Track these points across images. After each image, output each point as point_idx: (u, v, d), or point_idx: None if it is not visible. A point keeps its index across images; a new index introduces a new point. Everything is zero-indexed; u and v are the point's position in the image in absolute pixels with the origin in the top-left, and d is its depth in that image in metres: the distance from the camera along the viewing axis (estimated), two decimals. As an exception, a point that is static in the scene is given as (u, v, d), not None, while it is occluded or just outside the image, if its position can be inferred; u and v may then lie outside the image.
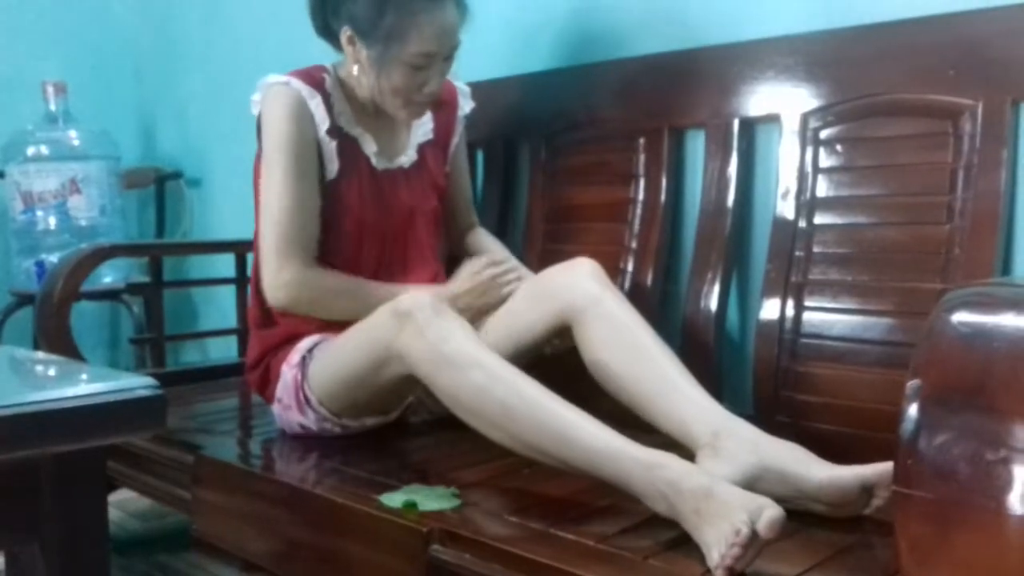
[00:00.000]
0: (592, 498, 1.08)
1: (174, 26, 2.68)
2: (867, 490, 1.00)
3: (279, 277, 1.37)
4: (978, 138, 1.18)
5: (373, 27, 1.34)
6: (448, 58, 1.39)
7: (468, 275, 1.42)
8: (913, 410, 0.66)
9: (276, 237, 1.37)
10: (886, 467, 0.96)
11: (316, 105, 1.40)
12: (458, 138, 1.58)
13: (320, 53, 1.45)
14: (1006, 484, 0.61)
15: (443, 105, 1.53)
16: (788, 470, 1.03)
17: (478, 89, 1.62)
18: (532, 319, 1.34)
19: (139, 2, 2.80)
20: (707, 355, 1.39)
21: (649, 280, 1.48)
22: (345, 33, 1.38)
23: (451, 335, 1.16)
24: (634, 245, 1.50)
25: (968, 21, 1.20)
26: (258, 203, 1.43)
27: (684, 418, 1.13)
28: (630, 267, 1.50)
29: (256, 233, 1.44)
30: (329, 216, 1.42)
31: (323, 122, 1.40)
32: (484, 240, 1.61)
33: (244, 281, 1.97)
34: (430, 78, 1.38)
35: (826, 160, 1.32)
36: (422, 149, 1.52)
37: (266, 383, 1.45)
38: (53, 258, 2.28)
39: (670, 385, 1.17)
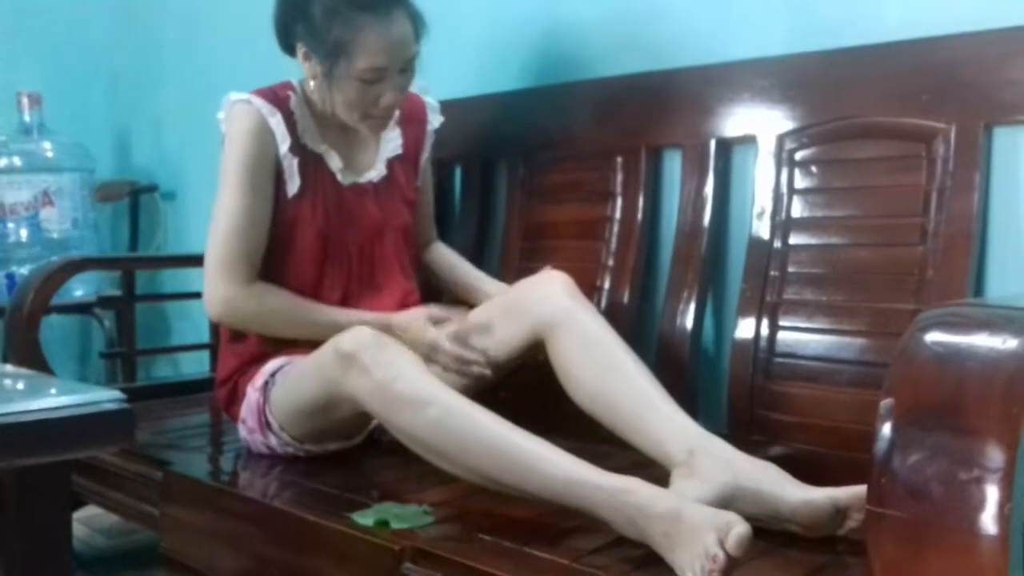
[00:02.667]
0: (565, 516, 1.07)
1: (151, 40, 2.67)
2: (841, 512, 1.01)
3: (216, 292, 1.37)
4: (951, 161, 1.20)
5: (322, 43, 1.34)
6: (405, 71, 1.37)
7: (425, 325, 1.35)
8: (887, 429, 0.66)
9: (219, 252, 1.37)
10: (860, 490, 0.96)
11: (277, 123, 1.39)
12: (428, 152, 1.58)
13: (296, 69, 1.44)
14: (979, 504, 0.61)
15: (412, 120, 1.53)
16: (763, 490, 1.02)
17: (456, 107, 1.62)
18: (505, 334, 1.33)
19: (116, 16, 2.78)
20: (683, 373, 1.39)
21: (625, 298, 1.48)
22: (300, 50, 1.38)
23: (400, 372, 1.14)
24: (611, 263, 1.50)
25: (941, 46, 1.22)
26: None
27: (659, 436, 1.12)
28: (607, 285, 1.50)
29: None
30: (290, 234, 1.41)
31: (284, 140, 1.39)
32: (447, 257, 1.60)
33: (218, 296, 1.95)
34: (384, 91, 1.36)
35: (801, 181, 1.33)
36: (391, 164, 1.51)
37: (233, 401, 1.43)
38: (24, 271, 2.25)
39: (645, 402, 1.16)
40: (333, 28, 1.32)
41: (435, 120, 1.57)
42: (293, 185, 1.41)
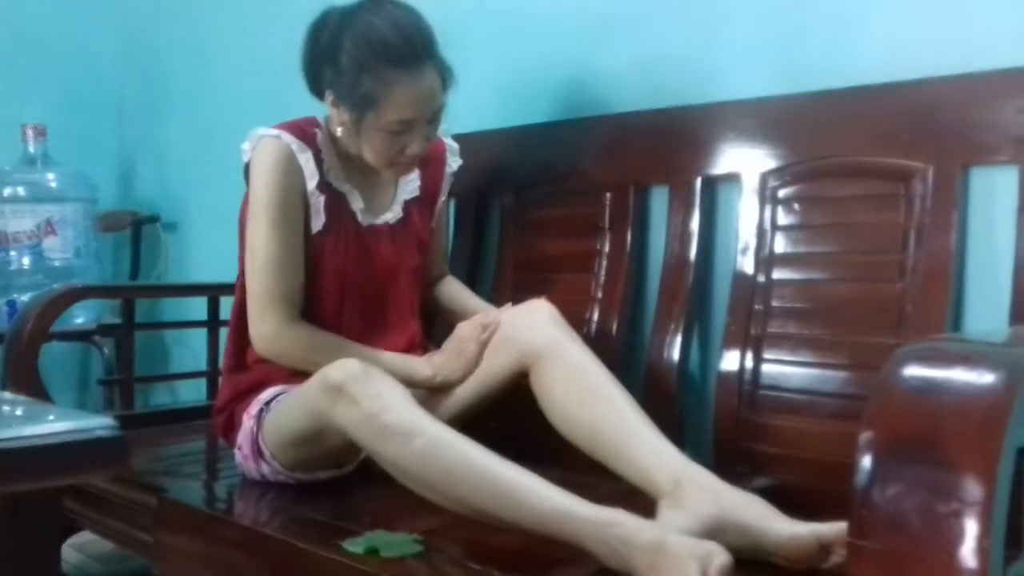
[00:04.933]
0: (551, 547, 1.07)
1: (157, 72, 2.71)
2: (825, 547, 1.01)
3: (260, 329, 1.38)
4: (929, 200, 1.22)
5: (351, 93, 1.35)
6: (432, 121, 1.39)
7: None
8: (866, 462, 0.66)
9: (259, 289, 1.38)
10: (843, 526, 0.97)
11: (306, 160, 1.40)
12: (445, 194, 1.59)
13: (302, 104, 1.46)
14: (957, 537, 0.61)
15: (432, 162, 1.53)
16: (749, 523, 1.03)
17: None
18: (492, 364, 1.35)
19: (123, 48, 2.83)
20: (669, 405, 1.41)
21: (613, 330, 1.50)
22: (329, 97, 1.40)
23: (387, 404, 1.14)
24: (600, 296, 1.53)
25: (920, 89, 1.25)
26: (242, 249, 1.44)
27: (645, 465, 1.13)
28: (595, 317, 1.52)
29: (239, 279, 1.45)
30: (311, 270, 1.42)
31: (312, 177, 1.40)
32: (455, 290, 1.62)
33: (217, 324, 1.97)
34: (411, 141, 1.38)
35: (784, 218, 1.36)
36: (408, 206, 1.52)
37: (230, 428, 1.44)
38: (25, 298, 2.27)
39: (631, 431, 1.17)
40: (363, 80, 1.33)
41: (454, 163, 1.57)
42: (318, 222, 1.41)
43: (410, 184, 1.52)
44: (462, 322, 1.43)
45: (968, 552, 0.61)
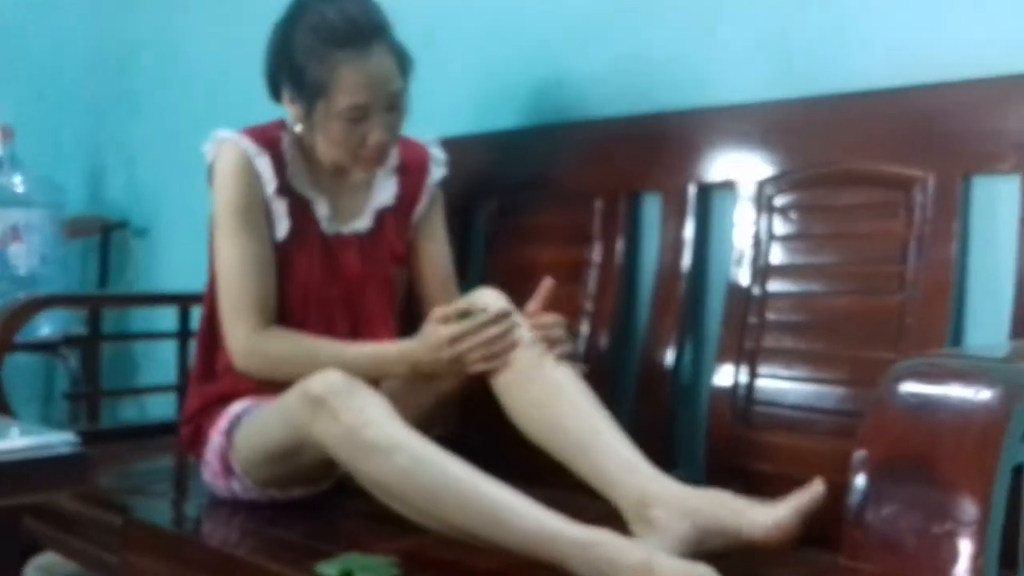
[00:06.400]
0: (535, 568, 1.04)
1: (127, 73, 2.65)
2: (807, 514, 1.03)
3: (232, 343, 1.34)
4: (929, 209, 1.20)
5: (302, 84, 1.32)
6: (392, 108, 1.35)
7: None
8: (860, 481, 0.67)
9: (226, 301, 1.34)
10: (817, 486, 1.03)
11: (264, 164, 1.36)
12: (426, 206, 1.49)
13: (272, 104, 1.43)
14: (952, 558, 0.62)
15: (412, 170, 1.48)
16: (725, 525, 1.04)
17: (436, 147, 1.61)
18: None
19: (92, 48, 2.77)
20: (661, 421, 1.37)
21: (604, 342, 1.46)
22: (285, 95, 1.37)
23: (369, 418, 1.11)
24: (590, 307, 1.49)
25: (919, 95, 1.23)
26: (211, 256, 1.40)
27: (607, 470, 1.13)
28: (585, 329, 1.48)
29: (208, 286, 1.42)
30: (279, 279, 1.38)
31: (270, 182, 1.36)
32: None
33: (187, 335, 1.92)
34: (370, 130, 1.33)
35: (781, 227, 1.33)
36: (381, 215, 1.46)
37: (196, 441, 1.39)
38: (-12, 307, 2.20)
39: (590, 429, 1.17)
40: (311, 68, 1.30)
41: (437, 172, 1.50)
42: (281, 229, 1.38)
43: (385, 192, 1.46)
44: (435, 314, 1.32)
45: (963, 572, 0.61)
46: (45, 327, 2.35)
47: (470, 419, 1.39)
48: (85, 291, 2.64)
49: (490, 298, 1.29)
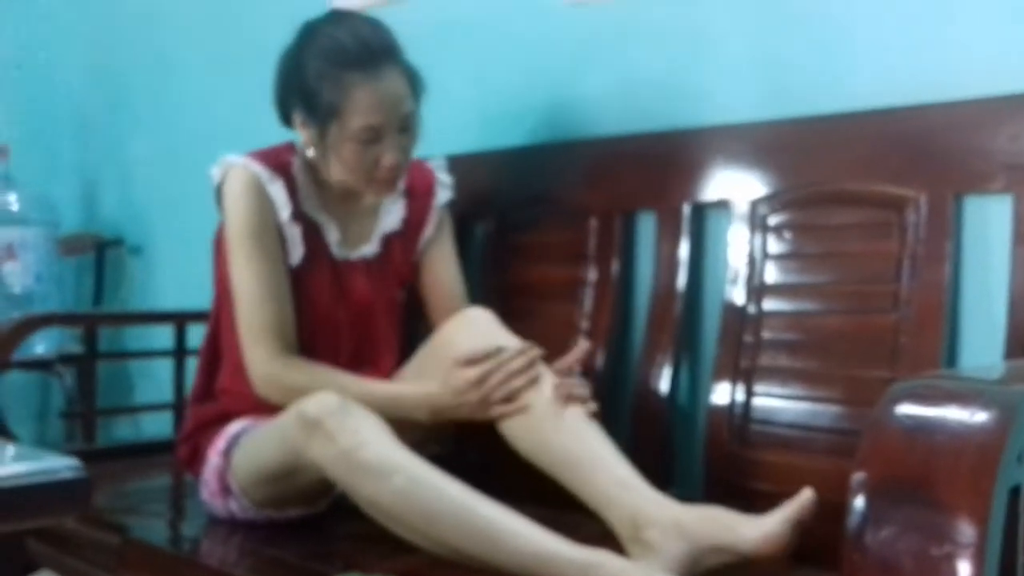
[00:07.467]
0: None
1: (122, 90, 2.65)
2: (800, 524, 1.03)
3: (254, 366, 1.33)
4: (922, 229, 1.20)
5: (315, 107, 1.31)
6: (404, 130, 1.34)
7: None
8: (858, 503, 0.67)
9: (243, 326, 1.33)
10: (806, 493, 1.04)
11: (277, 190, 1.35)
12: (432, 229, 1.48)
13: (270, 123, 1.42)
14: None
15: (418, 193, 1.47)
16: (720, 541, 1.04)
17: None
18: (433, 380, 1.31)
19: (87, 67, 2.77)
20: (658, 440, 1.37)
21: (600, 362, 1.46)
22: (297, 119, 1.36)
23: (365, 440, 1.11)
24: (585, 326, 1.49)
25: (911, 115, 1.23)
26: (218, 277, 1.40)
27: (601, 490, 1.13)
28: (580, 348, 1.48)
29: (213, 307, 1.42)
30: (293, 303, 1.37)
31: (284, 207, 1.35)
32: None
33: (183, 354, 1.91)
34: (383, 152, 1.32)
35: (775, 247, 1.33)
36: (388, 239, 1.45)
37: (194, 460, 1.39)
38: (-17, 326, 2.20)
39: (587, 456, 1.17)
40: (323, 90, 1.29)
41: (443, 195, 1.49)
42: (296, 254, 1.37)
43: (392, 216, 1.46)
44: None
45: (963, 596, 0.61)
46: (40, 345, 2.35)
47: (465, 437, 1.39)
48: (80, 309, 2.63)
49: (503, 339, 1.31)
